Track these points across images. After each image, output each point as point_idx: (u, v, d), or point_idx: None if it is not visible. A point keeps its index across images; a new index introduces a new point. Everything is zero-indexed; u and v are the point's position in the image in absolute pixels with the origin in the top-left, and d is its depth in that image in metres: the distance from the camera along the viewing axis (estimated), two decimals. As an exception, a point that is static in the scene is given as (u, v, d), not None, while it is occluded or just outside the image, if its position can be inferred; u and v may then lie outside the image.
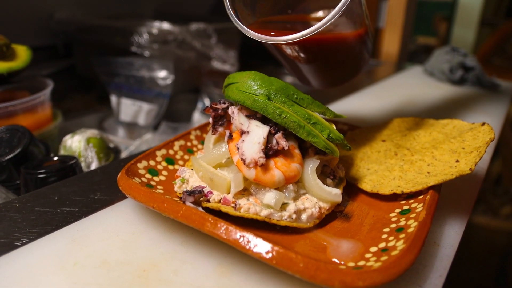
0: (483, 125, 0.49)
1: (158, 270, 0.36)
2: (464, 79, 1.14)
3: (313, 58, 0.53)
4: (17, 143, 0.56)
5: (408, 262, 0.33)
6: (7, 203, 0.45)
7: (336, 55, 0.54)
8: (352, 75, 0.63)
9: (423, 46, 3.24)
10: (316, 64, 0.55)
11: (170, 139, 0.54)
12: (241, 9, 0.49)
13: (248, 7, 0.51)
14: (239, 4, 0.48)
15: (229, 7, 0.46)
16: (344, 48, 0.53)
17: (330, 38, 0.50)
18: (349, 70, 0.61)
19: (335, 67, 0.58)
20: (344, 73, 0.61)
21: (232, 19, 0.46)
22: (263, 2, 0.55)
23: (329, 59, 0.55)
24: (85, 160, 0.60)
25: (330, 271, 0.31)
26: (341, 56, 0.55)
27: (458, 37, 3.25)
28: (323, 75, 0.59)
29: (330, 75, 0.60)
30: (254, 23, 0.52)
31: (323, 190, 0.41)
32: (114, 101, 1.01)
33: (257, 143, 0.40)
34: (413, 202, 0.44)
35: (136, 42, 0.96)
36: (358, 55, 0.57)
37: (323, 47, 0.50)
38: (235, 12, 0.46)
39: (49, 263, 0.36)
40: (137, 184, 0.41)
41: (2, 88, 0.68)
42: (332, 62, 0.56)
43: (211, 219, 0.36)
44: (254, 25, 0.52)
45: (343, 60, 0.57)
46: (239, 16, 0.46)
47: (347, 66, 0.59)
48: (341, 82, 0.64)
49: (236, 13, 0.46)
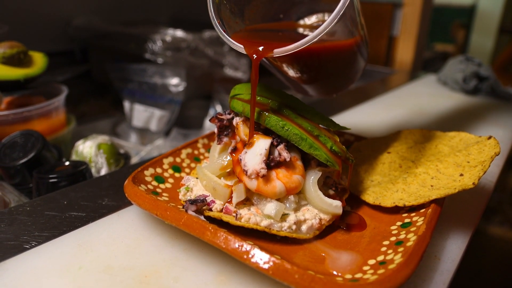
0: (489, 139, 0.49)
1: (160, 276, 0.37)
2: (478, 89, 1.12)
3: (305, 68, 0.50)
4: (31, 148, 0.58)
5: (404, 276, 0.33)
6: (18, 207, 0.47)
7: (330, 64, 0.51)
8: (347, 84, 0.59)
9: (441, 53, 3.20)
10: (308, 74, 0.52)
11: (178, 147, 0.55)
12: (227, 18, 0.46)
13: (236, 14, 0.49)
14: (225, 12, 0.46)
15: (214, 17, 0.43)
16: (338, 57, 0.50)
17: (324, 48, 0.46)
18: (344, 79, 0.58)
19: (329, 76, 0.55)
20: (339, 82, 0.58)
21: (216, 30, 0.43)
22: (252, 8, 0.52)
23: (323, 68, 0.51)
24: (95, 165, 0.61)
25: (325, 283, 0.31)
26: (336, 65, 0.52)
27: (476, 45, 3.21)
28: (317, 84, 0.56)
29: (324, 84, 0.57)
30: (242, 30, 0.49)
31: (324, 202, 0.41)
32: (127, 107, 1.03)
33: (259, 155, 0.41)
34: (414, 215, 0.44)
35: (150, 49, 0.98)
36: (354, 64, 0.54)
37: (316, 57, 0.47)
38: (220, 22, 0.43)
39: (55, 266, 0.37)
40: (142, 192, 0.42)
41: (19, 93, 0.71)
42: (326, 71, 0.53)
43: (211, 228, 0.36)
44: (242, 33, 0.49)
45: (338, 69, 0.54)
46: (225, 26, 0.44)
47: (342, 74, 0.56)
48: (336, 90, 0.61)
49: (221, 23, 0.44)
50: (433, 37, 3.31)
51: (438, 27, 3.36)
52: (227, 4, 0.47)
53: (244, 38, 0.44)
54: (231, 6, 0.48)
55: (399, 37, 1.48)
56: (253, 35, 0.50)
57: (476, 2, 3.19)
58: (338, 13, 0.36)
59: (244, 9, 0.51)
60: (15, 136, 0.60)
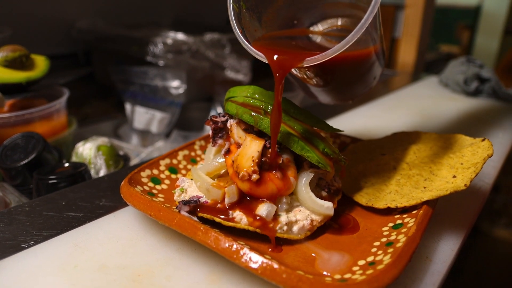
0: (483, 141, 0.49)
1: (153, 275, 0.38)
2: (479, 91, 1.12)
3: (324, 76, 0.50)
4: (32, 150, 0.59)
5: (391, 277, 0.34)
6: (17, 207, 0.48)
7: (349, 72, 0.51)
8: (365, 90, 0.58)
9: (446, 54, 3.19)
10: (326, 82, 0.52)
11: (174, 149, 0.56)
12: (247, 25, 0.46)
13: (254, 21, 0.49)
14: (245, 20, 0.46)
15: (235, 26, 0.44)
16: (358, 65, 0.50)
17: (345, 56, 0.45)
18: (361, 86, 0.57)
19: (346, 84, 0.55)
20: (356, 89, 0.57)
21: (239, 39, 0.43)
22: (269, 15, 0.53)
23: (341, 76, 0.51)
24: (94, 167, 0.62)
25: (312, 282, 0.32)
26: (355, 73, 0.52)
27: (481, 46, 3.19)
28: (334, 91, 0.56)
29: (341, 91, 0.57)
30: (261, 38, 0.49)
31: (316, 203, 0.42)
32: (128, 109, 1.04)
33: (251, 157, 0.41)
34: (406, 216, 0.44)
35: (151, 52, 1.00)
36: (371, 71, 0.53)
37: (335, 65, 0.46)
38: (242, 31, 0.44)
39: (51, 265, 0.38)
40: (137, 192, 0.43)
41: (21, 96, 0.72)
42: (344, 79, 0.53)
43: (202, 228, 0.37)
44: (262, 41, 0.48)
45: (356, 77, 0.53)
46: (246, 35, 0.44)
47: (360, 82, 0.55)
48: (353, 97, 0.60)
49: (243, 32, 0.44)
50: (438, 38, 3.30)
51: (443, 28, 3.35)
52: (246, 12, 0.47)
53: (265, 46, 0.44)
54: (250, 14, 0.48)
55: (401, 39, 1.48)
56: (273, 43, 0.49)
57: (481, 3, 3.18)
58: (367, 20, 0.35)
59: (262, 16, 0.51)
60: (17, 138, 0.61)
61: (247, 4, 0.47)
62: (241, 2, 0.46)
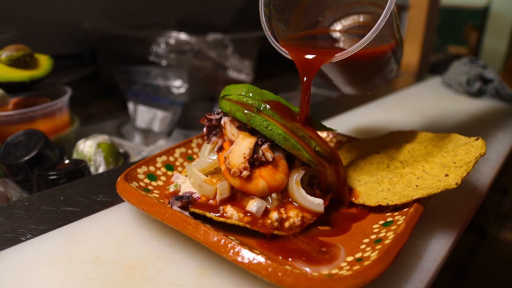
0: (477, 140, 0.49)
1: (144, 268, 0.38)
2: (482, 92, 1.12)
3: (345, 71, 0.55)
4: (33, 146, 0.61)
5: (376, 272, 0.34)
6: (17, 202, 0.49)
7: (368, 67, 0.55)
8: (383, 82, 0.64)
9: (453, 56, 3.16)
10: (347, 76, 0.57)
11: (172, 146, 0.57)
12: (276, 26, 0.50)
13: (282, 22, 0.52)
14: (274, 22, 0.50)
15: (266, 28, 0.47)
16: (376, 61, 0.54)
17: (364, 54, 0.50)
18: (380, 79, 0.62)
19: (366, 78, 0.60)
20: (375, 81, 0.62)
21: (270, 40, 0.47)
22: (296, 15, 0.56)
23: (361, 71, 0.56)
24: (94, 164, 0.64)
25: (297, 276, 0.33)
26: (373, 68, 0.57)
27: (489, 47, 3.16)
28: (355, 84, 0.61)
29: (361, 84, 0.62)
30: (289, 39, 0.53)
31: (306, 200, 0.43)
32: (131, 108, 1.06)
33: (243, 154, 0.42)
34: (397, 214, 0.45)
35: (154, 52, 1.01)
36: (389, 65, 0.58)
37: (356, 62, 0.51)
38: (272, 32, 0.47)
39: (47, 257, 0.40)
40: (132, 188, 0.44)
41: (25, 94, 0.74)
42: (363, 74, 0.58)
43: (192, 223, 0.38)
44: (289, 42, 0.52)
45: (375, 72, 0.58)
46: (276, 36, 0.48)
47: (378, 75, 0.60)
48: (372, 88, 0.66)
49: (273, 34, 0.47)
50: (446, 39, 3.28)
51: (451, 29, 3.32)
52: (276, 14, 0.50)
53: (293, 47, 0.47)
54: (279, 16, 0.51)
55: (405, 40, 1.48)
56: (298, 44, 0.54)
57: (489, 3, 3.15)
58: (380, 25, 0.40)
59: (289, 18, 0.54)
60: (19, 135, 0.62)
61: (276, 7, 0.50)
62: (271, 5, 0.49)
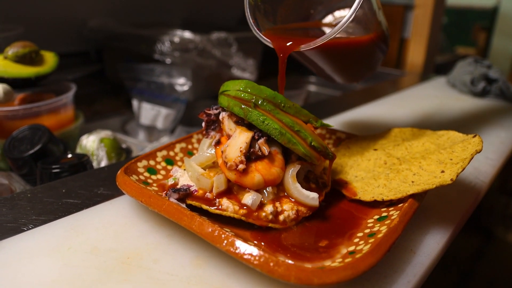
0: (474, 137, 0.50)
1: (141, 258, 0.39)
2: (486, 91, 1.11)
3: (328, 60, 0.57)
4: (38, 141, 0.62)
5: (367, 265, 0.35)
6: (20, 193, 0.50)
7: (349, 57, 0.58)
8: (368, 73, 0.67)
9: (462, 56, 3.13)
10: (331, 66, 0.59)
11: (172, 141, 0.58)
12: (261, 17, 0.52)
13: (269, 14, 0.54)
14: (260, 13, 0.52)
15: (249, 17, 0.50)
16: (357, 51, 0.57)
17: (343, 43, 0.54)
18: (364, 69, 0.65)
19: (349, 67, 0.62)
20: (359, 71, 0.65)
21: (251, 28, 0.49)
22: (285, 7, 0.58)
23: (343, 60, 0.58)
24: (96, 158, 0.65)
25: (288, 266, 0.33)
26: (355, 57, 0.59)
27: (498, 48, 3.14)
28: (340, 73, 0.63)
29: (346, 74, 0.64)
30: (274, 29, 0.55)
31: (301, 194, 0.43)
32: (135, 105, 1.07)
33: (239, 148, 0.43)
34: (392, 209, 0.45)
35: (159, 50, 1.02)
36: (372, 56, 0.60)
37: (336, 51, 0.54)
38: (254, 21, 0.50)
39: (47, 246, 0.41)
40: (131, 180, 0.45)
41: (30, 90, 0.75)
42: (346, 63, 0.60)
43: (188, 214, 0.39)
44: (273, 31, 0.55)
45: (357, 61, 0.61)
46: (259, 25, 0.50)
47: (361, 66, 0.63)
48: (358, 78, 0.69)
49: (256, 23, 0.50)
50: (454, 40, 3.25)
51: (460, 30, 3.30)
52: (261, 5, 0.52)
53: (274, 35, 0.50)
54: (265, 7, 0.54)
55: (410, 39, 1.48)
56: (282, 33, 0.56)
57: (498, 4, 3.12)
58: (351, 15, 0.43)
59: (278, 8, 0.56)
60: (24, 130, 0.64)
61: None
62: None
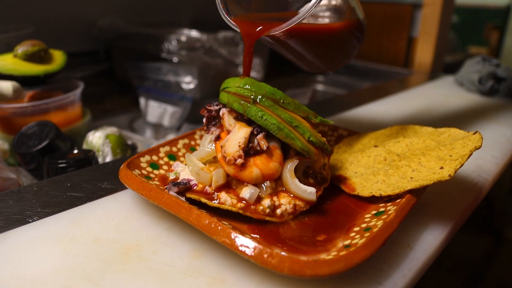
0: (475, 134, 0.50)
1: (141, 249, 0.40)
2: (494, 90, 1.10)
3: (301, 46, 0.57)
4: (45, 137, 0.63)
5: (361, 257, 0.35)
6: (27, 187, 0.52)
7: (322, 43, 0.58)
8: (343, 61, 0.67)
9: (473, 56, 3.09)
10: (305, 52, 0.59)
11: (175, 137, 0.59)
12: (233, 4, 0.53)
13: (242, 0, 0.55)
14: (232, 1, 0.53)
15: (219, 2, 0.50)
16: (328, 38, 0.57)
17: (313, 28, 0.55)
18: (338, 56, 0.65)
19: (324, 54, 0.62)
20: (333, 59, 0.65)
21: (221, 15, 0.50)
22: None
23: (316, 47, 0.58)
24: (102, 154, 0.66)
25: (281, 258, 0.34)
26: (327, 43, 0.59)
27: (510, 47, 3.10)
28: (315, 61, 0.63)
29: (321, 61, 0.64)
30: (245, 16, 0.56)
31: (298, 188, 0.44)
32: (142, 103, 1.09)
33: (238, 143, 0.43)
34: (390, 205, 0.45)
35: (166, 49, 1.03)
36: (345, 44, 0.60)
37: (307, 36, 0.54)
38: (224, 6, 0.51)
39: (50, 237, 0.42)
40: (132, 174, 0.46)
41: (39, 88, 0.77)
42: (320, 50, 0.60)
43: (186, 206, 0.40)
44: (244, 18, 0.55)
45: (330, 47, 0.61)
46: (228, 10, 0.51)
47: (334, 53, 0.63)
48: (333, 67, 0.69)
49: (226, 7, 0.51)
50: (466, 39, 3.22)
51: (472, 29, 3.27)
52: None
53: (243, 20, 0.51)
54: None
55: (418, 38, 1.47)
56: (254, 20, 0.56)
57: (511, 3, 3.08)
58: None
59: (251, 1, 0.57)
60: (32, 126, 0.66)
61: None
62: None
